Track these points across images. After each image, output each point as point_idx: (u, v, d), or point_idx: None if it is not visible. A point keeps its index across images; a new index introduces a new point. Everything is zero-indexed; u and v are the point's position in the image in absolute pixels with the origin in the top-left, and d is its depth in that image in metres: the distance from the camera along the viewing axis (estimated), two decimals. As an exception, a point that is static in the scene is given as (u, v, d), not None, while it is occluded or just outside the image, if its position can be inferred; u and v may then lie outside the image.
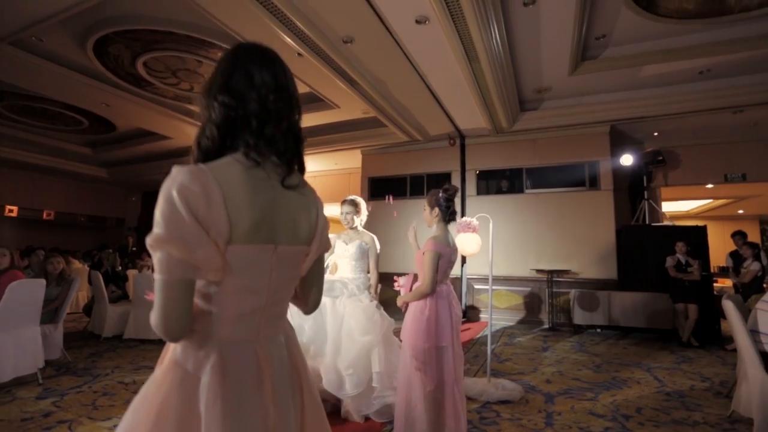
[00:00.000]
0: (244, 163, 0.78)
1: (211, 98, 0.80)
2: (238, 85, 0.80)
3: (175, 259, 0.68)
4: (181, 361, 0.74)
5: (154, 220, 0.69)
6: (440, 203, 2.40)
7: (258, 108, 0.79)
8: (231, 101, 0.78)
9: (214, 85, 0.81)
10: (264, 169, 0.79)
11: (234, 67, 0.81)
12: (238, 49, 0.85)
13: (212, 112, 0.79)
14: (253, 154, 0.78)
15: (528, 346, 5.18)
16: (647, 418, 2.78)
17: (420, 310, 2.21)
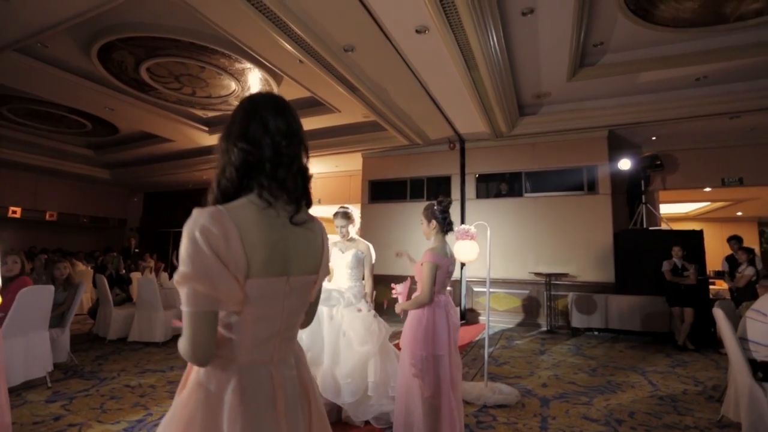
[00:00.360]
0: (257, 203, 0.86)
1: (231, 144, 0.88)
2: (255, 133, 0.88)
3: (200, 293, 0.75)
4: (205, 383, 0.81)
5: (179, 258, 0.77)
6: (436, 215, 2.47)
7: (272, 153, 0.88)
8: (249, 147, 0.87)
9: (233, 132, 0.89)
10: (275, 208, 0.87)
11: (251, 116, 0.90)
12: (254, 99, 0.93)
13: (232, 155, 0.87)
14: (267, 194, 0.86)
15: (526, 349, 5.26)
16: (639, 423, 2.86)
17: (418, 320, 2.29)
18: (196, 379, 0.83)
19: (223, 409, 0.79)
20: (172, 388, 3.42)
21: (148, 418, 2.79)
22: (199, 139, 9.11)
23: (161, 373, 3.88)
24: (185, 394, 0.84)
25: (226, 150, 0.89)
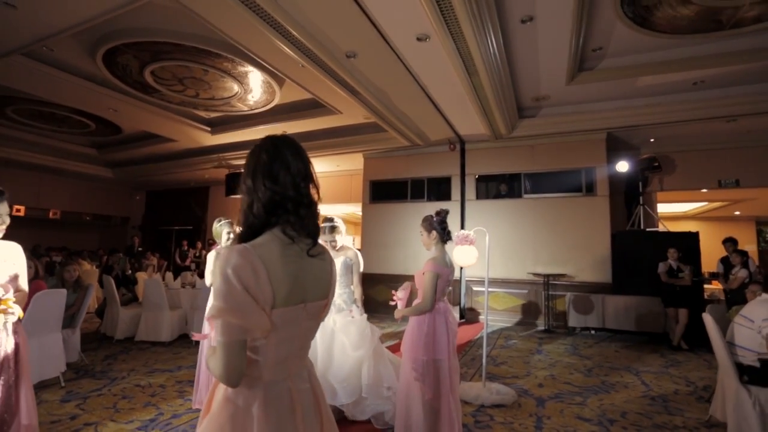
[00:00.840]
0: (281, 238, 0.96)
1: (259, 183, 0.98)
2: (278, 173, 0.98)
3: (233, 325, 0.86)
4: (233, 399, 0.92)
5: (213, 293, 0.87)
6: (435, 226, 2.57)
7: (294, 193, 0.98)
8: (276, 187, 0.97)
9: (259, 172, 0.99)
10: (296, 242, 0.97)
11: (275, 158, 1.00)
12: (275, 142, 1.03)
13: (260, 194, 0.97)
14: (290, 230, 0.97)
15: (523, 348, 5.38)
16: (631, 422, 2.98)
17: (419, 326, 2.40)
18: (224, 395, 0.93)
19: (250, 421, 0.89)
20: (182, 388, 3.54)
21: (159, 418, 2.91)
22: (201, 139, 9.20)
23: (169, 372, 4.00)
24: (215, 408, 0.94)
25: (253, 189, 0.98)
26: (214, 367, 0.88)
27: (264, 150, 1.02)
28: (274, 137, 1.06)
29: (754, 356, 2.69)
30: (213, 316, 0.86)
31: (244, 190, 1.01)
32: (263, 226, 0.97)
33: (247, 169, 1.02)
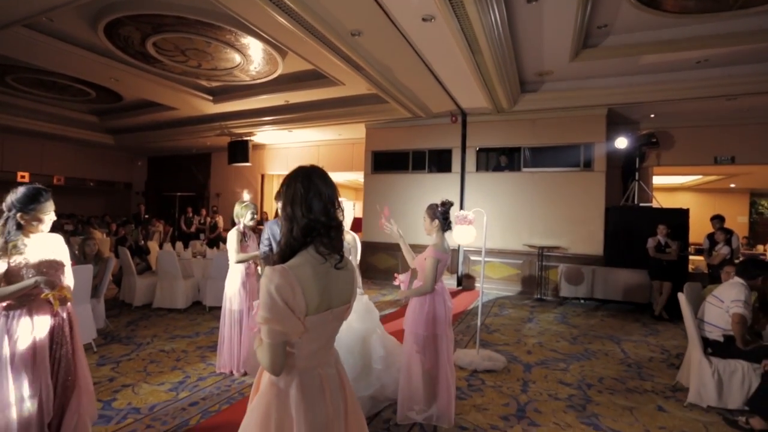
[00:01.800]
0: (314, 257, 1.18)
1: (297, 210, 1.18)
2: (312, 201, 1.19)
3: (276, 331, 1.09)
4: (276, 382, 1.18)
5: (260, 304, 1.09)
6: (438, 216, 2.78)
7: (326, 218, 1.19)
8: (309, 214, 1.18)
9: (296, 201, 1.19)
10: (326, 258, 1.19)
11: (309, 188, 1.20)
12: (308, 174, 1.23)
13: (298, 219, 1.18)
14: (322, 249, 1.19)
15: (516, 317, 5.77)
16: (606, 387, 3.36)
17: (420, 305, 2.68)
18: (270, 380, 1.19)
19: (289, 399, 1.16)
20: (203, 353, 3.90)
21: (187, 380, 3.27)
22: (203, 107, 9.18)
23: (189, 338, 4.36)
24: (263, 389, 1.20)
25: (292, 216, 1.19)
26: (262, 360, 1.13)
27: (299, 181, 1.21)
28: (305, 169, 1.25)
29: (719, 332, 3.01)
30: (260, 323, 1.09)
31: (283, 216, 1.21)
32: (301, 246, 1.19)
33: (286, 198, 1.22)
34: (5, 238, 1.93)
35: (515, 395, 3.15)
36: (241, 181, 12.62)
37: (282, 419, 1.15)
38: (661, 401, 3.12)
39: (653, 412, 2.95)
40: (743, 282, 2.98)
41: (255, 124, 9.74)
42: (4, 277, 1.88)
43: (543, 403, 3.03)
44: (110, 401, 2.87)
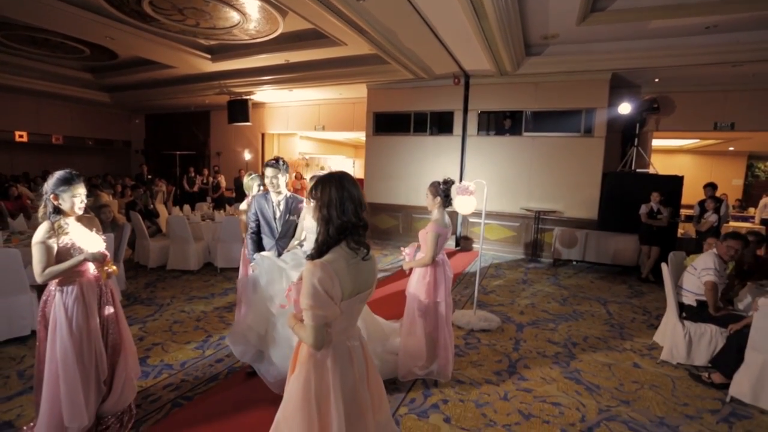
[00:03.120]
0: (346, 252, 1.38)
1: (332, 213, 1.37)
2: (346, 204, 1.38)
3: (319, 315, 1.32)
4: (314, 354, 1.42)
5: (304, 294, 1.31)
6: (440, 193, 2.96)
7: (356, 219, 1.39)
8: (343, 216, 1.37)
9: (332, 205, 1.37)
10: (356, 253, 1.40)
11: (342, 193, 1.38)
12: (340, 180, 1.41)
13: (334, 220, 1.37)
14: (353, 245, 1.39)
15: (510, 278, 6.11)
16: (589, 345, 3.71)
17: (423, 275, 2.94)
18: (309, 352, 1.43)
19: (326, 368, 1.41)
20: (220, 314, 4.22)
21: (210, 339, 3.60)
22: (201, 66, 8.99)
23: (206, 299, 4.67)
24: (302, 359, 1.45)
25: (329, 217, 1.38)
26: (306, 338, 1.36)
27: (333, 187, 1.39)
28: (337, 175, 1.43)
29: (693, 297, 3.31)
30: (305, 309, 1.31)
31: (320, 217, 1.40)
32: (335, 243, 1.39)
33: (322, 201, 1.40)
34: (50, 220, 2.11)
35: (507, 353, 3.51)
36: (241, 140, 12.57)
37: (320, 384, 1.41)
38: (638, 359, 3.48)
39: (629, 368, 3.31)
40: (717, 252, 3.23)
41: (255, 83, 9.58)
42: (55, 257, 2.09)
43: (532, 360, 3.39)
44: (144, 358, 3.19)
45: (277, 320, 2.70)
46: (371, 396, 1.56)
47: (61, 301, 2.11)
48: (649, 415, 2.65)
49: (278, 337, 2.71)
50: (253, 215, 3.14)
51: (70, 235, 2.16)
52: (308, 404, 1.41)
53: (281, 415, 1.48)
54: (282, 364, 2.64)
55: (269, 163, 3.02)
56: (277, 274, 2.71)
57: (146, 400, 2.66)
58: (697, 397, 2.89)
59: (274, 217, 3.07)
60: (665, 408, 2.74)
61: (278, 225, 3.07)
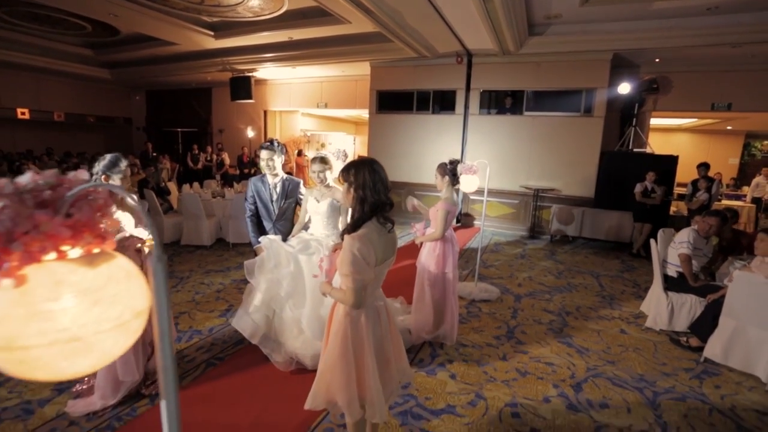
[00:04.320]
0: (377, 226, 1.63)
1: (367, 193, 1.62)
2: (377, 185, 1.62)
3: (358, 279, 1.57)
4: (349, 312, 1.69)
5: (343, 262, 1.56)
6: (448, 173, 3.19)
7: (385, 198, 1.64)
8: (375, 196, 1.62)
9: (366, 186, 1.62)
10: (384, 227, 1.65)
11: (374, 175, 1.63)
12: (372, 164, 1.65)
13: (368, 200, 1.62)
14: (382, 220, 1.65)
15: (510, 253, 6.41)
16: (581, 314, 4.04)
17: (432, 249, 3.21)
18: (345, 311, 1.70)
19: (360, 323, 1.69)
20: (238, 285, 4.51)
21: (232, 308, 3.89)
22: (204, 42, 8.97)
23: (222, 272, 4.96)
24: (338, 318, 1.72)
25: (363, 197, 1.62)
26: (347, 300, 1.62)
27: (366, 171, 1.63)
28: (368, 161, 1.67)
29: (675, 269, 3.60)
30: (347, 275, 1.57)
31: (356, 197, 1.64)
32: (367, 219, 1.63)
33: (357, 183, 1.64)
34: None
35: (506, 320, 3.83)
36: (243, 118, 12.61)
37: (355, 337, 1.69)
38: (624, 326, 3.81)
39: (616, 334, 3.64)
40: (696, 228, 3.51)
41: (258, 60, 9.57)
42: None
43: (529, 327, 3.71)
44: (175, 325, 3.49)
45: (285, 302, 2.79)
46: (393, 347, 1.84)
47: (112, 272, 2.37)
48: (631, 373, 2.99)
49: (286, 318, 2.81)
50: (250, 198, 3.15)
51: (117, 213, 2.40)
52: (346, 354, 1.69)
53: (324, 366, 1.76)
54: (290, 344, 2.78)
55: (264, 145, 3.03)
56: (284, 258, 2.78)
57: (183, 360, 2.97)
58: (675, 358, 3.22)
59: (271, 200, 3.12)
60: (646, 367, 3.08)
61: (275, 207, 3.12)
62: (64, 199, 0.63)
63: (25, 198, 0.60)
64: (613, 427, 2.39)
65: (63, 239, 0.61)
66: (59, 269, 0.61)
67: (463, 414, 2.46)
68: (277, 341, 2.82)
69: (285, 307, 2.80)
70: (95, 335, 0.62)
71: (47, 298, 0.59)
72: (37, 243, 0.59)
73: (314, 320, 2.77)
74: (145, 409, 2.42)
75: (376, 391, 1.69)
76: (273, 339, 2.82)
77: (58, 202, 0.63)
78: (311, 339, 2.78)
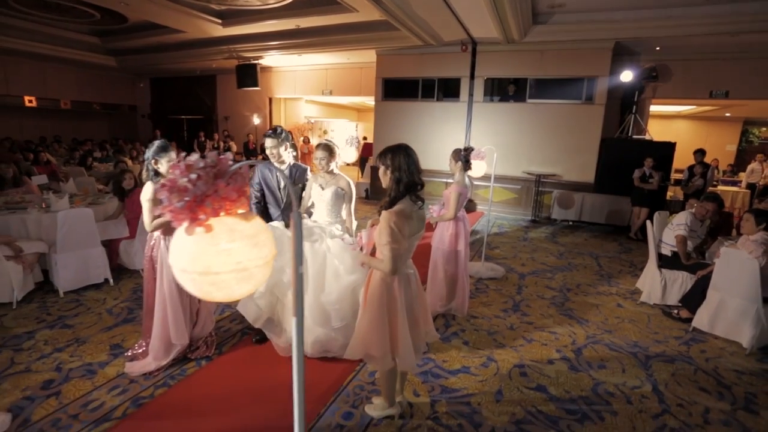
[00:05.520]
0: (410, 203, 1.89)
1: (402, 174, 1.87)
2: (411, 167, 1.88)
3: (395, 248, 1.84)
4: (384, 278, 1.96)
5: (382, 233, 1.83)
6: (461, 158, 3.45)
7: (418, 178, 1.90)
8: (410, 176, 1.88)
9: (402, 168, 1.87)
10: (415, 204, 1.91)
11: (408, 158, 1.89)
12: (407, 149, 1.91)
13: (403, 180, 1.87)
14: (414, 198, 1.90)
15: (513, 236, 6.70)
16: (581, 291, 4.34)
17: (446, 228, 3.48)
18: (381, 277, 1.97)
19: (393, 287, 1.96)
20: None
21: (257, 285, 4.17)
22: (211, 30, 9.08)
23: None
24: (375, 284, 1.99)
25: (399, 178, 1.88)
26: (384, 267, 1.88)
27: (402, 155, 1.89)
28: (403, 146, 1.93)
29: (669, 248, 3.89)
30: (385, 245, 1.84)
31: (392, 178, 1.90)
32: (402, 197, 1.89)
33: (393, 165, 1.89)
34: (152, 181, 2.60)
35: (512, 296, 4.13)
36: (248, 105, 12.73)
37: (389, 300, 1.97)
38: (621, 300, 4.12)
39: (613, 307, 3.95)
40: (693, 211, 3.79)
41: (264, 48, 9.69)
42: (158, 212, 2.60)
43: (532, 301, 4.01)
44: (207, 299, 3.77)
45: (288, 288, 2.76)
46: (421, 310, 2.13)
47: (165, 247, 2.65)
48: (626, 340, 3.30)
49: (289, 304, 2.77)
50: (257, 185, 3.11)
51: (167, 194, 2.65)
52: (381, 315, 1.97)
53: (361, 324, 2.05)
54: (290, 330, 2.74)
55: (267, 134, 2.99)
56: (287, 246, 2.72)
57: (219, 330, 3.26)
58: (666, 328, 3.53)
59: (278, 187, 3.10)
60: (640, 335, 3.39)
61: (283, 195, 3.10)
62: (228, 172, 0.89)
63: (208, 171, 0.86)
64: (609, 383, 2.71)
65: (232, 200, 0.88)
66: (230, 221, 0.88)
67: (476, 373, 2.76)
68: (280, 326, 2.83)
69: (287, 293, 2.79)
70: (255, 268, 0.89)
71: (226, 241, 0.86)
72: (218, 202, 0.86)
73: (315, 307, 2.73)
74: (193, 371, 2.72)
75: (406, 345, 1.98)
76: (276, 323, 2.83)
77: (224, 174, 0.89)
78: (312, 325, 2.73)
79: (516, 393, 2.57)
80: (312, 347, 2.74)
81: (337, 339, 2.74)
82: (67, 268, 3.78)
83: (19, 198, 4.55)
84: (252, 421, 2.26)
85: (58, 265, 3.73)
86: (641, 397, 2.58)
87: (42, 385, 2.50)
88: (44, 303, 3.62)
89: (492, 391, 2.57)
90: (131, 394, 2.46)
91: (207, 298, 0.90)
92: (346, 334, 2.66)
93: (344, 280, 2.76)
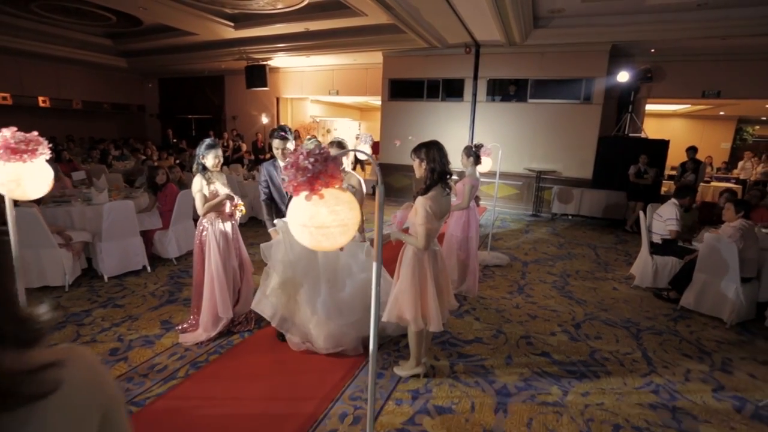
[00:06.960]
0: (440, 190, 2.26)
1: (436, 165, 2.23)
2: (442, 158, 2.24)
3: (429, 228, 2.21)
4: (416, 252, 2.33)
5: (418, 215, 2.19)
6: (472, 154, 3.81)
7: (448, 170, 2.27)
8: (443, 167, 2.25)
9: (435, 159, 2.23)
10: (445, 190, 2.28)
11: (440, 151, 2.25)
12: (438, 144, 2.27)
13: (436, 170, 2.23)
14: (444, 186, 2.27)
15: (515, 229, 7.07)
16: (580, 276, 4.72)
17: (459, 216, 3.86)
18: (412, 253, 2.33)
19: (424, 260, 2.33)
20: (281, 255, 5.15)
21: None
22: (223, 33, 9.40)
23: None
24: (407, 260, 2.35)
25: (433, 168, 2.24)
26: (418, 243, 2.25)
27: (435, 149, 2.26)
28: (435, 142, 2.29)
29: (659, 237, 4.27)
30: (421, 224, 2.20)
31: (427, 168, 2.26)
32: (435, 185, 2.26)
33: (428, 158, 2.26)
34: (201, 174, 2.96)
35: (516, 280, 4.50)
36: (256, 105, 13.06)
37: (420, 271, 2.34)
38: (616, 284, 4.49)
39: (609, 290, 4.33)
40: (676, 201, 4.17)
41: (273, 50, 10.02)
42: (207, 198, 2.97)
43: (535, 285, 4.39)
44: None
45: (300, 285, 2.82)
46: (444, 282, 2.50)
47: (212, 231, 3.01)
48: (621, 317, 3.68)
49: (300, 300, 2.85)
50: (264, 182, 3.20)
51: (215, 184, 3.02)
52: (413, 284, 2.34)
53: (396, 291, 2.42)
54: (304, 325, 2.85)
55: (275, 135, 3.04)
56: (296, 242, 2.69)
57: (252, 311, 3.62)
58: (656, 307, 3.91)
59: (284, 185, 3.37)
60: (632, 313, 3.77)
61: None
62: (330, 157, 1.26)
63: (321, 156, 1.22)
64: (604, 350, 3.08)
65: (336, 177, 1.25)
66: (335, 192, 1.25)
67: (488, 342, 3.13)
68: (293, 321, 2.89)
69: (299, 289, 2.83)
70: (352, 224, 1.26)
71: (334, 204, 1.23)
72: (328, 178, 1.23)
73: (329, 303, 2.77)
74: (239, 341, 3.09)
75: (435, 308, 2.35)
76: (289, 320, 2.89)
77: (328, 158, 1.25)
78: (325, 320, 2.78)
79: (523, 358, 2.94)
80: (325, 342, 2.80)
81: (350, 334, 2.82)
82: (111, 255, 4.13)
83: (59, 192, 4.89)
84: (291, 385, 2.60)
85: (103, 252, 4.09)
86: (632, 361, 2.95)
87: (110, 352, 2.86)
88: (92, 287, 3.98)
89: (502, 356, 2.94)
90: (189, 359, 2.82)
91: (316, 246, 1.26)
92: (358, 329, 2.80)
93: (357, 277, 2.85)
